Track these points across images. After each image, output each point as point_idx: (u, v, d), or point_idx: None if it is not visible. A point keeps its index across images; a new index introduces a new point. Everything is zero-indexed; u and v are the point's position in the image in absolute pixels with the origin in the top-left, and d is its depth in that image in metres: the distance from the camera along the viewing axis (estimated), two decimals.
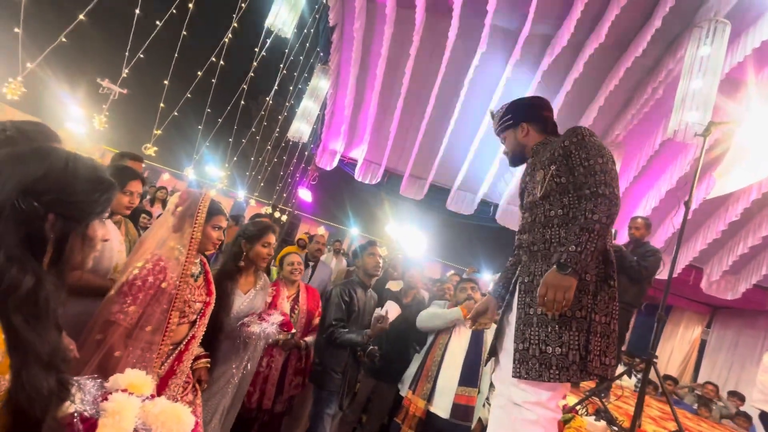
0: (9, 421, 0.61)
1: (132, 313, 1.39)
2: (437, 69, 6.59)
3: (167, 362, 1.53)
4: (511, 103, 1.63)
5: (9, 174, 0.64)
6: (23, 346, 0.63)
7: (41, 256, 0.68)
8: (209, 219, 1.62)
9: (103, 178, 0.77)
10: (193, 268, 1.63)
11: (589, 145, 1.36)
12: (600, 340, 1.30)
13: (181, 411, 0.95)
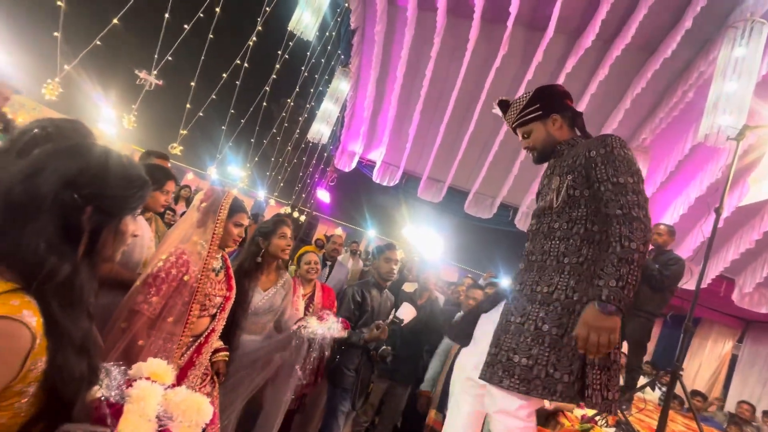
0: (44, 401, 0.64)
1: (155, 303, 1.44)
2: (457, 71, 6.55)
3: (187, 353, 1.57)
4: (539, 91, 1.46)
5: (53, 168, 0.67)
6: (59, 330, 0.66)
7: (76, 247, 0.71)
8: (231, 216, 1.66)
9: (139, 176, 0.80)
10: (215, 263, 1.67)
11: (618, 159, 1.22)
12: (600, 373, 1.18)
13: (201, 401, 0.97)
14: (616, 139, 1.27)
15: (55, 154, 0.70)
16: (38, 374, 0.63)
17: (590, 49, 5.50)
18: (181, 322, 1.53)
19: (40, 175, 0.66)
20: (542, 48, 5.81)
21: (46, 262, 0.65)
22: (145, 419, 0.83)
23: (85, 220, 0.71)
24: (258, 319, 2.07)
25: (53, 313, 0.66)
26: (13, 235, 0.63)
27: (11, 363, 0.58)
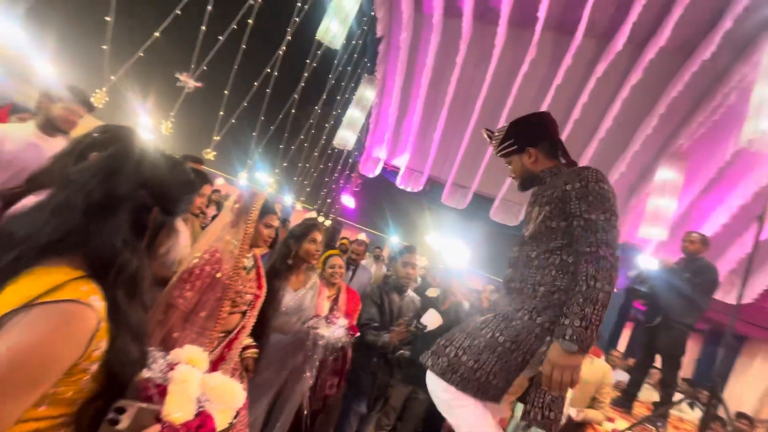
0: (103, 380, 0.71)
1: (189, 298, 1.51)
2: (483, 77, 6.53)
3: (218, 348, 1.63)
4: (513, 125, 1.48)
5: (130, 171, 0.76)
6: (120, 317, 0.72)
7: (141, 243, 0.79)
8: (262, 217, 1.72)
9: (193, 181, 0.89)
10: (246, 262, 1.74)
11: (592, 194, 1.22)
12: (543, 393, 1.21)
13: (234, 386, 1.03)
14: (592, 173, 1.26)
15: (127, 158, 0.78)
16: (100, 355, 0.68)
17: (622, 53, 5.37)
18: (213, 317, 1.60)
19: (116, 176, 0.74)
20: (571, 52, 5.72)
21: (120, 256, 0.72)
22: (186, 399, 0.89)
23: (150, 220, 0.79)
24: (288, 319, 2.12)
25: (118, 301, 0.72)
26: (94, 229, 0.71)
27: (79, 342, 0.64)
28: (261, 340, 1.95)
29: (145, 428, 0.75)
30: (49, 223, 0.69)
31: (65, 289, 0.63)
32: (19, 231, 0.69)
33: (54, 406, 0.66)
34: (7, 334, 0.58)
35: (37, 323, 0.60)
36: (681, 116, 5.93)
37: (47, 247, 0.67)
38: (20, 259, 0.66)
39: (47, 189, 0.97)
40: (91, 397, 0.71)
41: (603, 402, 2.54)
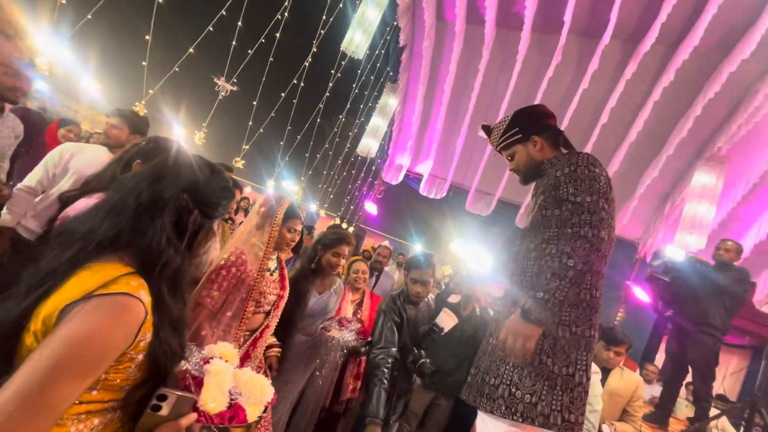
0: (148, 369, 0.78)
1: (216, 297, 1.59)
2: (507, 83, 6.47)
3: (244, 346, 1.70)
4: (518, 114, 1.48)
5: (174, 177, 0.84)
6: (163, 310, 0.79)
7: (182, 243, 0.86)
8: (286, 221, 1.78)
9: (231, 187, 0.96)
10: (270, 264, 1.80)
11: (580, 178, 1.22)
12: (561, 394, 1.17)
13: (264, 381, 1.08)
14: (583, 157, 1.24)
15: (173, 166, 0.86)
16: (146, 345, 0.75)
17: (652, 54, 5.21)
18: (237, 316, 1.67)
19: (162, 181, 0.83)
20: (598, 55, 5.59)
21: (165, 253, 0.80)
22: (220, 391, 0.95)
23: (191, 222, 0.86)
24: (313, 321, 2.17)
25: (162, 295, 0.79)
26: (142, 228, 0.78)
27: (129, 332, 0.70)
28: (286, 341, 2.00)
29: (183, 415, 0.81)
30: (105, 222, 0.77)
31: (118, 283, 0.70)
32: (80, 228, 0.77)
33: (104, 391, 0.73)
34: (69, 323, 0.65)
35: (95, 312, 0.66)
36: (719, 118, 5.66)
37: (103, 243, 0.75)
38: (81, 252, 0.73)
39: (98, 192, 1.08)
40: (136, 385, 0.77)
41: (635, 416, 2.43)
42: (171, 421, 0.78)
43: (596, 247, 1.15)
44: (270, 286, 1.76)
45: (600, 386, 2.17)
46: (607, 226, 1.17)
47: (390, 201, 9.66)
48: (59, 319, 0.66)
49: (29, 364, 0.62)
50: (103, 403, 0.74)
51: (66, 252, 0.74)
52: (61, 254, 0.74)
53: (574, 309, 1.22)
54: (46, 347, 0.63)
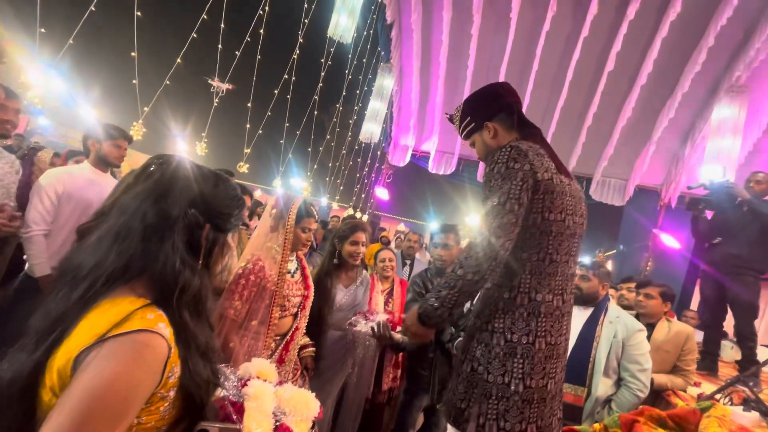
0: (182, 404, 0.71)
1: (239, 308, 1.56)
2: (504, 44, 6.21)
3: (276, 352, 1.68)
4: (468, 100, 1.38)
5: (179, 192, 0.77)
6: (187, 339, 0.73)
7: (198, 262, 0.79)
8: (299, 221, 1.74)
9: (240, 196, 0.89)
10: (290, 265, 1.77)
11: (495, 177, 1.16)
12: (497, 402, 1.14)
13: (308, 396, 1.03)
14: (504, 152, 1.17)
15: (175, 180, 0.79)
16: (175, 381, 0.69)
17: None
18: (264, 323, 1.65)
19: (167, 198, 0.75)
20: None
21: (182, 276, 0.73)
22: (264, 414, 0.90)
23: (203, 237, 0.79)
24: (343, 315, 2.16)
25: (185, 323, 0.73)
26: (154, 252, 0.71)
27: (155, 370, 0.64)
28: (319, 339, 1.99)
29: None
30: (112, 251, 0.70)
31: (132, 319, 0.64)
32: (86, 262, 0.70)
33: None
34: (84, 373, 0.59)
35: (112, 357, 0.60)
36: (734, 45, 5.32)
37: (114, 276, 0.69)
38: (91, 290, 0.67)
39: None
40: (173, 423, 0.71)
41: (687, 369, 2.33)
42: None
43: (490, 256, 1.11)
44: (293, 288, 1.73)
45: (647, 344, 2.09)
46: (512, 229, 1.12)
47: (400, 184, 9.56)
48: (74, 368, 0.60)
49: (51, 424, 0.56)
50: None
51: (74, 291, 0.67)
52: (69, 294, 0.68)
53: (508, 315, 1.17)
54: (65, 404, 0.58)
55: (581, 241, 1.27)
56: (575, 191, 1.25)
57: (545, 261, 1.17)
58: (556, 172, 1.19)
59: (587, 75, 6.13)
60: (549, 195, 1.15)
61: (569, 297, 1.24)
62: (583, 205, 1.27)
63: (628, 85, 6.04)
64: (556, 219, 1.16)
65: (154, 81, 3.88)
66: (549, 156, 1.23)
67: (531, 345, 1.14)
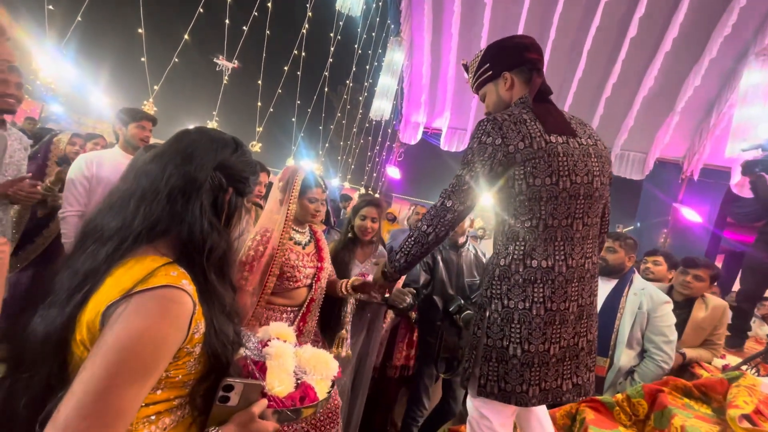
0: (207, 361, 0.74)
1: (251, 279, 1.58)
2: (518, 12, 5.94)
3: (294, 324, 1.69)
4: (489, 48, 1.33)
5: (204, 156, 0.78)
6: (212, 298, 0.75)
7: (221, 225, 0.81)
8: (305, 192, 1.72)
9: (256, 162, 0.91)
10: (300, 237, 1.76)
11: (468, 152, 1.23)
12: (497, 365, 1.18)
13: (327, 356, 1.06)
14: (480, 126, 1.21)
15: (200, 142, 0.80)
16: (200, 337, 0.71)
17: None
18: (280, 293, 1.66)
19: (192, 161, 0.76)
20: None
21: (210, 238, 0.75)
22: (285, 372, 0.93)
23: (226, 201, 0.81)
24: None
25: (211, 283, 0.75)
26: (180, 214, 0.73)
27: (181, 325, 0.66)
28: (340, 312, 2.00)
29: (253, 403, 0.77)
30: (138, 212, 0.71)
31: (157, 275, 0.65)
32: (111, 223, 0.72)
33: (168, 390, 0.70)
34: (114, 327, 0.61)
35: (138, 312, 0.62)
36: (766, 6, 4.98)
37: (141, 235, 0.70)
38: (120, 248, 0.69)
39: None
40: (199, 378, 0.74)
41: (718, 343, 2.29)
42: (242, 410, 0.75)
43: (440, 214, 1.21)
44: (303, 259, 1.72)
45: (672, 316, 2.05)
46: (465, 197, 1.21)
47: (412, 162, 9.44)
48: (103, 323, 0.62)
49: (84, 375, 0.59)
50: (170, 402, 0.71)
51: (102, 249, 0.69)
52: (97, 252, 0.69)
53: (504, 282, 1.19)
54: (96, 356, 0.60)
55: (594, 201, 1.21)
56: (578, 149, 1.19)
57: (539, 227, 1.16)
58: (541, 135, 1.15)
59: (607, 43, 5.84)
60: (530, 161, 1.14)
61: (583, 260, 1.19)
62: (592, 161, 1.20)
63: (652, 51, 5.74)
64: (545, 184, 1.14)
65: (162, 59, 3.83)
66: (540, 118, 1.19)
67: (528, 311, 1.15)
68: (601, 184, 1.22)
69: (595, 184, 1.20)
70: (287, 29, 5.39)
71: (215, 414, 0.74)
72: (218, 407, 0.74)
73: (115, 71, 7.38)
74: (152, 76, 3.67)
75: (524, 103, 1.26)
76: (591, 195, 1.19)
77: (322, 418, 1.68)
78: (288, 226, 1.68)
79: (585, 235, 1.20)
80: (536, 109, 1.21)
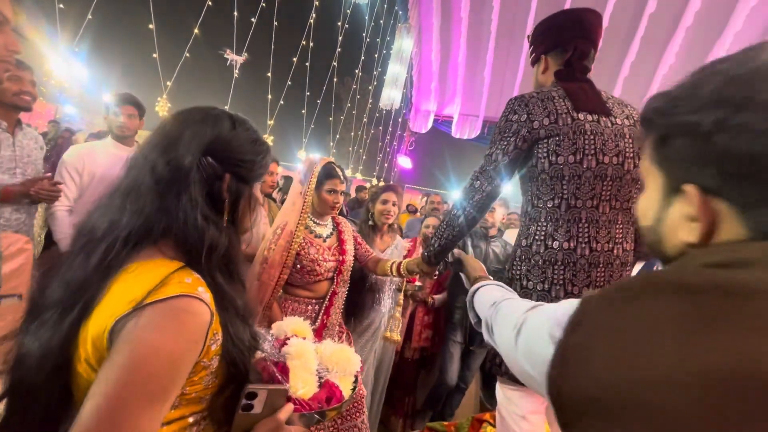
0: (225, 372, 0.67)
1: (273, 273, 1.57)
2: None
3: (319, 318, 1.69)
4: (535, 29, 1.30)
5: (190, 136, 0.67)
6: (226, 303, 0.67)
7: (222, 218, 0.71)
8: (323, 183, 1.70)
9: (263, 140, 0.77)
10: (322, 230, 1.75)
11: (496, 131, 1.22)
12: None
13: (349, 352, 1.02)
14: (507, 104, 1.21)
15: (185, 123, 0.69)
16: (218, 348, 0.64)
17: None
18: (301, 286, 1.66)
19: (178, 145, 0.65)
20: None
21: (207, 234, 0.66)
22: (308, 372, 0.88)
23: (225, 189, 0.70)
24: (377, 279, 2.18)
25: (220, 286, 0.67)
26: (171, 209, 0.64)
27: (197, 338, 0.59)
28: (359, 300, 2.01)
29: (278, 408, 0.72)
30: (125, 209, 0.63)
31: (170, 284, 0.58)
32: (99, 224, 0.64)
33: (184, 407, 0.64)
34: (125, 345, 0.54)
35: (152, 327, 0.55)
36: None
37: (133, 236, 0.62)
38: (111, 253, 0.61)
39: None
40: (217, 392, 0.68)
41: None
42: (267, 417, 0.70)
43: (470, 195, 1.21)
44: (323, 252, 1.71)
45: None
46: (493, 176, 1.19)
47: (423, 151, 9.36)
48: (111, 339, 0.55)
49: (95, 399, 0.52)
50: (185, 419, 0.64)
51: (91, 257, 0.61)
52: (87, 261, 0.61)
53: (524, 263, 1.18)
54: (108, 377, 0.53)
55: (625, 184, 1.15)
56: (610, 128, 1.14)
57: (561, 207, 1.13)
58: (568, 112, 1.12)
59: (624, 20, 5.63)
60: (554, 138, 1.11)
61: (611, 245, 1.15)
62: (626, 142, 1.15)
63: (672, 27, 5.51)
64: (567, 162, 1.11)
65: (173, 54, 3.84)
66: (570, 96, 1.16)
67: (546, 292, 1.14)
68: (635, 166, 1.16)
69: (626, 165, 1.14)
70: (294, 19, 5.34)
71: (238, 423, 0.68)
72: (241, 416, 0.68)
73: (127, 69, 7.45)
74: (164, 72, 3.68)
75: (557, 83, 1.22)
76: (621, 177, 1.14)
77: (348, 408, 1.69)
78: (304, 217, 1.67)
79: (612, 219, 1.15)
80: (568, 87, 1.17)
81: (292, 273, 1.63)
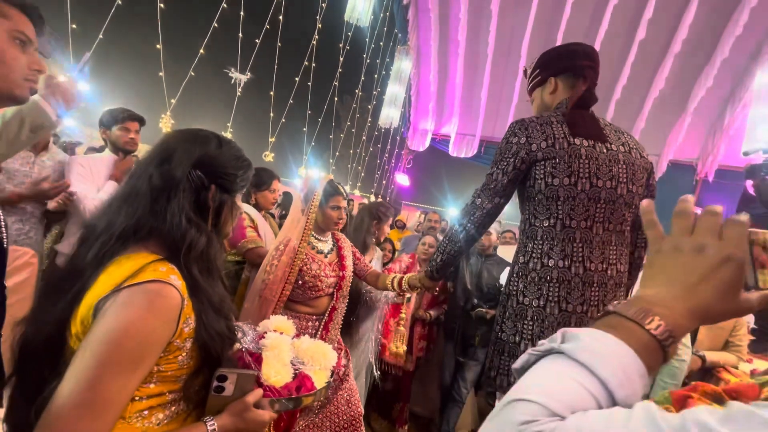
0: (199, 355, 0.76)
1: (275, 289, 1.60)
2: (526, 17, 5.97)
3: (318, 333, 1.70)
4: (543, 54, 1.37)
5: (182, 152, 0.79)
6: (200, 293, 0.76)
7: (206, 222, 0.82)
8: (327, 200, 1.74)
9: (245, 157, 0.89)
10: (323, 246, 1.78)
11: (498, 152, 1.29)
12: (508, 359, 1.23)
13: (325, 347, 1.07)
14: (511, 126, 1.27)
15: (179, 141, 0.81)
16: (191, 331, 0.73)
17: None
18: (302, 302, 1.68)
19: (171, 160, 0.77)
20: None
21: (188, 234, 0.76)
22: (281, 363, 0.94)
23: (210, 198, 0.81)
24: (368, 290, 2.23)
25: (195, 278, 0.76)
26: (161, 213, 0.74)
27: (170, 319, 0.68)
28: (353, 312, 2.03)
29: (248, 392, 0.79)
30: (121, 212, 0.74)
31: (146, 271, 0.67)
32: (99, 224, 0.75)
33: (162, 384, 0.72)
34: (102, 320, 0.64)
35: (126, 305, 0.64)
36: None
37: (125, 235, 0.72)
38: (105, 247, 0.72)
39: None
40: (191, 373, 0.76)
41: (740, 345, 2.25)
42: (237, 399, 0.77)
43: (470, 211, 1.28)
44: (325, 268, 1.73)
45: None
46: (492, 195, 1.26)
47: (420, 169, 9.47)
48: (94, 316, 0.65)
49: (75, 365, 0.62)
50: (163, 396, 0.73)
51: (90, 250, 0.72)
52: (86, 253, 0.73)
53: (522, 279, 1.22)
54: (87, 347, 0.63)
55: (618, 207, 1.20)
56: (605, 154, 1.20)
57: (556, 227, 1.18)
58: (565, 137, 1.18)
59: (615, 46, 5.83)
60: (550, 161, 1.17)
61: (604, 266, 1.18)
62: (620, 167, 1.20)
63: (661, 53, 5.72)
64: (563, 183, 1.16)
65: (179, 73, 3.94)
66: (569, 122, 1.22)
67: (541, 309, 1.17)
68: (628, 191, 1.21)
69: (619, 190, 1.19)
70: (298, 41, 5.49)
71: (211, 404, 0.76)
72: (213, 397, 0.75)
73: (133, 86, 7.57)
74: (169, 89, 3.77)
75: (560, 107, 1.29)
76: (614, 200, 1.19)
77: (344, 425, 1.68)
78: (307, 234, 1.70)
79: (606, 240, 1.19)
80: (569, 114, 1.23)
81: (294, 289, 1.65)
